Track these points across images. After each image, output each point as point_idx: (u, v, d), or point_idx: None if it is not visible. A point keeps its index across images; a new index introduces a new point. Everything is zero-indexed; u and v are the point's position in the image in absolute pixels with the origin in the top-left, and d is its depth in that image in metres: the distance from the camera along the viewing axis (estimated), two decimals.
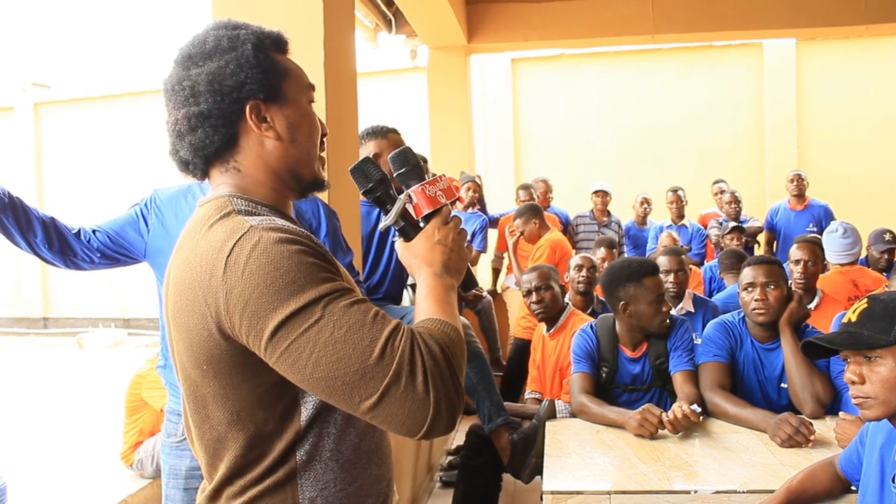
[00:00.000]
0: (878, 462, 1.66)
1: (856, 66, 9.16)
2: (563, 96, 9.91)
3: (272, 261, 1.00)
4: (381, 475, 1.22)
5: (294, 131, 1.18)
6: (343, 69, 2.71)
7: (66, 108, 12.26)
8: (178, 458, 2.05)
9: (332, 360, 0.98)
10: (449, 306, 1.13)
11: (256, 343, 1.01)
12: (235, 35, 1.16)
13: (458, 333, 1.09)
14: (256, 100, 1.15)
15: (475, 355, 3.07)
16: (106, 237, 2.11)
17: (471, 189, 5.97)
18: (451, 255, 1.18)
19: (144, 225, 2.09)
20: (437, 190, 1.20)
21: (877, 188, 8.91)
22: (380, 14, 6.92)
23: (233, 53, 1.14)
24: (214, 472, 1.15)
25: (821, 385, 2.57)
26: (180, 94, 1.15)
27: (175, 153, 1.20)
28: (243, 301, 1.00)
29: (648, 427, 2.45)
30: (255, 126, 1.16)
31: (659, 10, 6.92)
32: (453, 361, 1.04)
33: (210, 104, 1.13)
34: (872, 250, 4.56)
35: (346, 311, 1.00)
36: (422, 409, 0.99)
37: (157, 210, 2.09)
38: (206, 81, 1.13)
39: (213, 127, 1.14)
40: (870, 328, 1.50)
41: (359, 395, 0.99)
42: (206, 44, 1.15)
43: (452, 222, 1.20)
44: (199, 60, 1.15)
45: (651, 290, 2.85)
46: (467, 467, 3.30)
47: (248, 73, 1.13)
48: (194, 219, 1.16)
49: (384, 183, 1.21)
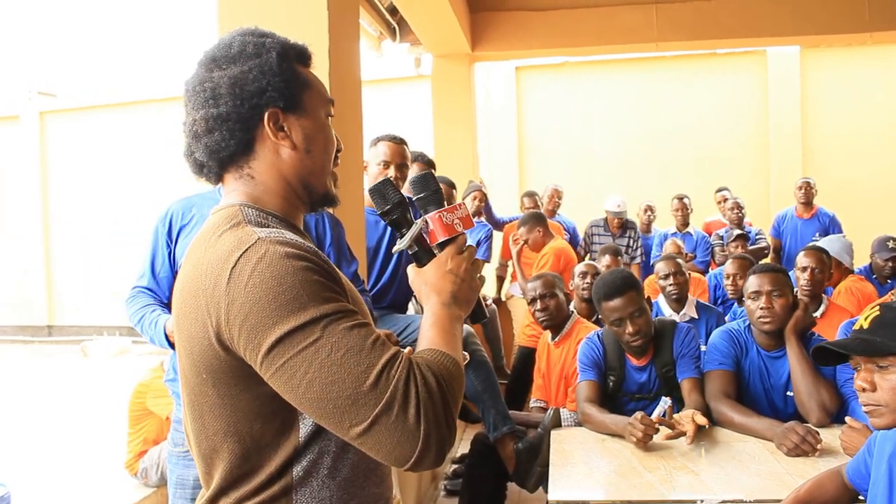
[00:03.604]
0: (887, 472, 1.65)
1: (860, 73, 9.16)
2: (566, 104, 9.92)
3: (276, 275, 1.00)
4: (379, 494, 1.20)
5: (310, 143, 1.18)
6: (348, 77, 2.72)
7: (71, 116, 12.31)
8: (186, 468, 2.04)
9: (326, 382, 0.97)
10: (452, 338, 1.12)
11: (253, 357, 1.01)
12: (262, 42, 1.16)
13: (458, 367, 1.08)
14: (276, 108, 1.15)
15: (480, 364, 3.07)
16: (165, 279, 2.14)
17: (476, 198, 5.97)
18: (462, 286, 1.17)
19: (167, 240, 2.12)
20: (455, 218, 1.20)
21: (881, 195, 8.89)
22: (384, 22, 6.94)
23: (257, 60, 1.14)
24: (210, 481, 1.15)
25: (827, 393, 2.55)
26: (201, 94, 1.15)
27: (190, 154, 1.20)
28: (244, 313, 1.00)
29: (636, 435, 2.42)
30: (271, 134, 1.16)
31: (663, 19, 6.93)
32: (448, 396, 1.03)
33: (229, 107, 1.13)
34: (876, 258, 4.55)
35: (346, 333, 1.00)
36: (411, 440, 0.98)
37: (178, 218, 2.12)
38: (228, 84, 1.13)
39: (230, 130, 1.14)
40: (882, 335, 1.50)
41: (349, 421, 0.98)
42: (231, 48, 1.16)
43: (467, 252, 1.19)
44: (223, 63, 1.15)
45: (611, 312, 2.84)
46: (472, 476, 3.29)
47: (270, 81, 1.14)
48: (205, 227, 1.16)
49: (401, 206, 1.20)
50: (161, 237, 2.11)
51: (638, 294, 2.85)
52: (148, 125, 11.51)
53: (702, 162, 9.43)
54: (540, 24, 7.10)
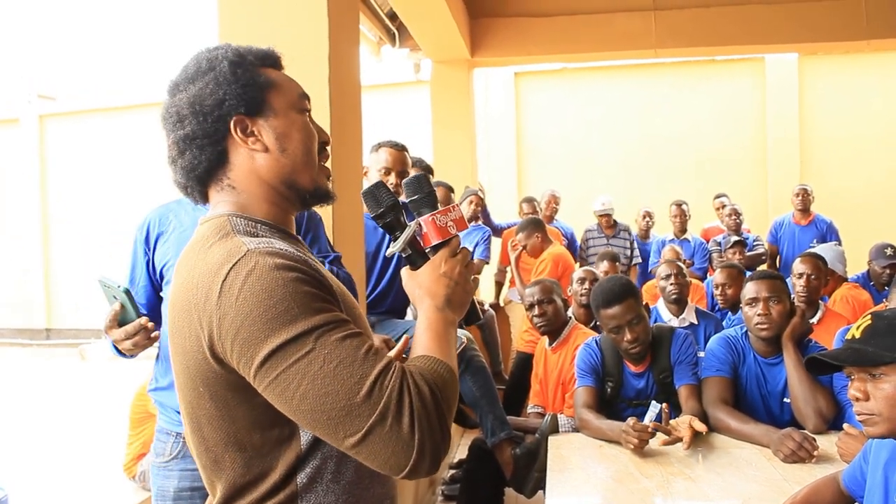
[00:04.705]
0: (883, 479, 1.65)
1: (858, 80, 9.19)
2: (565, 110, 9.94)
3: (266, 288, 1.00)
4: (384, 494, 1.21)
5: (283, 141, 1.18)
6: (347, 83, 2.73)
7: (71, 120, 12.32)
8: (166, 478, 2.00)
9: (320, 394, 0.98)
10: (446, 343, 1.12)
11: (246, 370, 1.01)
12: (213, 56, 1.17)
13: (452, 373, 1.08)
14: (239, 114, 1.15)
15: (478, 369, 3.07)
16: (143, 288, 2.07)
17: (473, 203, 5.98)
18: (456, 289, 1.17)
19: (145, 248, 2.06)
20: (449, 220, 1.19)
21: (879, 202, 8.92)
22: (384, 28, 6.96)
23: (211, 74, 1.15)
24: (214, 492, 1.15)
25: (824, 400, 2.56)
26: (168, 120, 1.17)
27: (173, 178, 1.21)
28: (235, 327, 1.00)
29: (631, 442, 2.43)
30: (241, 141, 1.16)
31: (661, 25, 6.95)
32: (442, 404, 1.03)
33: (193, 125, 1.14)
34: (874, 265, 4.55)
35: (338, 344, 1.00)
36: (405, 450, 0.98)
37: (156, 226, 2.05)
38: (188, 104, 1.14)
39: (199, 147, 1.15)
40: (874, 345, 1.50)
41: (343, 431, 0.99)
42: (188, 69, 1.17)
43: (461, 255, 1.19)
44: (182, 86, 1.17)
45: (609, 319, 2.84)
46: (470, 481, 3.29)
47: (227, 90, 1.14)
48: (194, 239, 1.16)
49: (395, 209, 1.20)
50: (139, 246, 2.06)
51: (636, 301, 2.86)
52: (147, 128, 11.50)
53: (700, 168, 9.45)
54: (539, 30, 7.12)
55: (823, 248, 4.68)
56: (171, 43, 13.45)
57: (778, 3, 6.78)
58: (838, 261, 4.40)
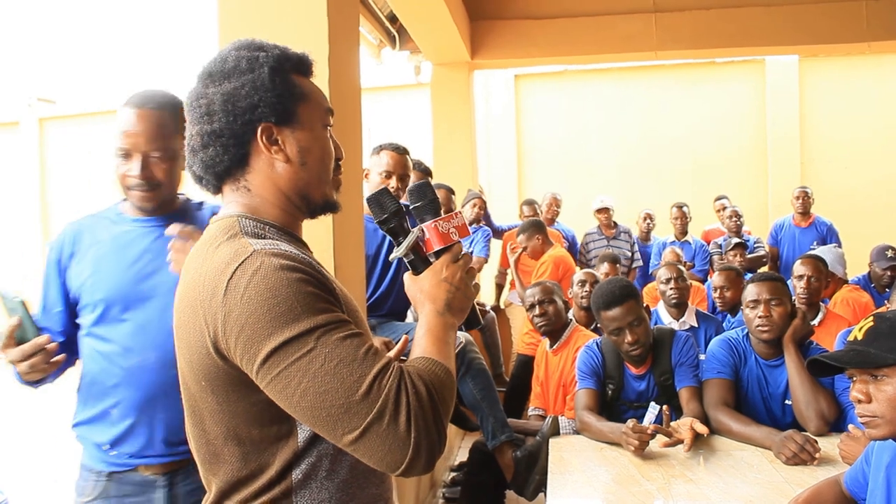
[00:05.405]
0: (885, 482, 1.65)
1: (858, 82, 9.18)
2: (566, 112, 9.93)
3: (271, 287, 1.02)
4: (378, 495, 1.22)
5: (305, 155, 1.20)
6: (347, 85, 2.72)
7: (70, 123, 12.32)
8: None
9: (320, 391, 1.00)
10: (445, 346, 1.14)
11: (249, 367, 1.04)
12: (255, 57, 1.17)
13: (449, 375, 1.11)
14: (268, 122, 1.16)
15: (479, 371, 3.06)
16: (58, 314, 1.86)
17: (476, 206, 5.98)
18: (457, 294, 1.19)
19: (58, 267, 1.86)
20: (451, 227, 1.22)
21: (880, 204, 8.90)
22: (384, 30, 6.96)
23: (250, 75, 1.15)
24: (210, 486, 1.17)
25: (825, 402, 2.56)
26: (197, 110, 1.17)
27: (189, 167, 1.22)
28: (240, 325, 1.02)
29: (631, 444, 2.43)
30: (265, 148, 1.17)
31: (662, 27, 6.95)
32: (439, 404, 1.05)
33: (223, 123, 1.15)
34: (875, 267, 4.55)
35: (339, 344, 1.02)
36: (402, 448, 1.00)
37: (69, 245, 1.87)
38: (221, 101, 1.15)
39: (223, 146, 1.16)
40: (876, 346, 1.50)
41: (342, 429, 1.01)
42: (226, 63, 1.17)
43: (462, 260, 1.22)
44: (217, 79, 1.17)
45: (610, 321, 2.84)
46: (470, 484, 3.29)
47: (262, 97, 1.15)
48: (204, 237, 1.18)
49: (398, 215, 1.22)
50: (51, 268, 1.85)
51: (637, 303, 2.86)
52: None
53: (700, 170, 9.44)
54: (539, 33, 7.12)
55: (824, 250, 4.68)
56: (171, 46, 13.45)
57: (778, 6, 6.78)
58: (839, 263, 4.40)
